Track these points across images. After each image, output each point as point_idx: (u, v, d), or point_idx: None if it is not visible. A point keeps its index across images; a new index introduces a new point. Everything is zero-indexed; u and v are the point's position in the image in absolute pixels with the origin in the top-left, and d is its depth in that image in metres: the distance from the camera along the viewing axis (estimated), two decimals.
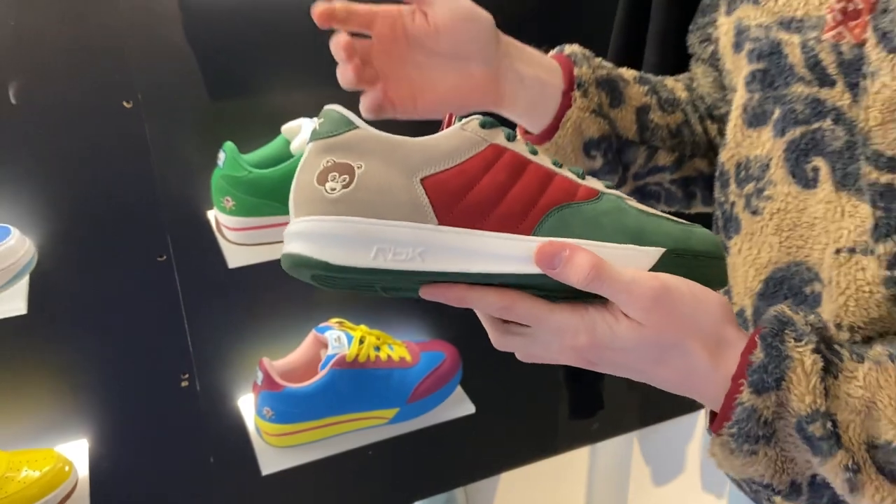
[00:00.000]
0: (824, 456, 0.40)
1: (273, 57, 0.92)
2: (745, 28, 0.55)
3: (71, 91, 0.84)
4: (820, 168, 0.50)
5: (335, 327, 1.06)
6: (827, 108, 0.49)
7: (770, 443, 0.41)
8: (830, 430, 0.40)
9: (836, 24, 0.48)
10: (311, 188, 0.41)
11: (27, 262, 0.82)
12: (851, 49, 0.47)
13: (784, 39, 0.51)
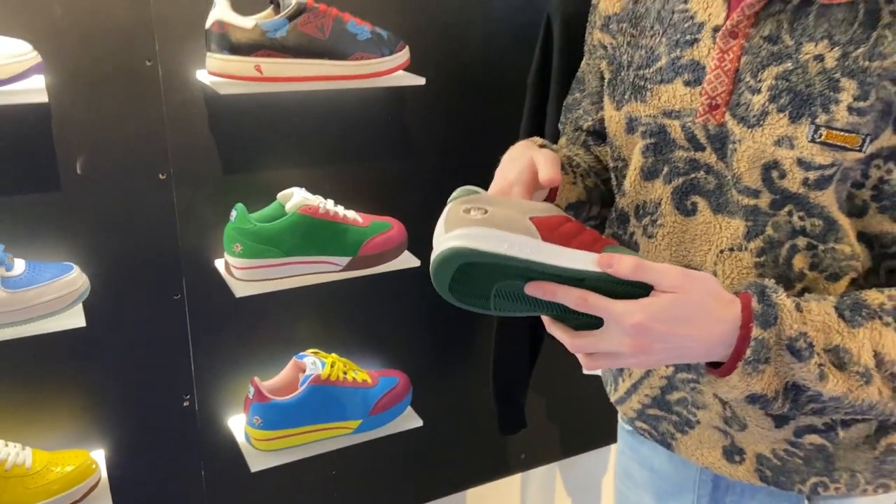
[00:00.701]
0: (805, 361, 0.62)
1: (271, 143, 1.24)
2: (636, 118, 0.80)
3: (122, 165, 1.14)
4: (698, 202, 0.76)
5: (311, 355, 1.33)
6: (700, 164, 0.75)
7: (769, 362, 0.62)
8: (808, 343, 0.62)
9: (704, 113, 0.74)
10: (459, 215, 0.64)
11: (84, 290, 1.09)
12: (715, 128, 0.73)
13: (668, 123, 0.77)
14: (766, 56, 0.68)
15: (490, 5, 1.32)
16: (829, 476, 0.74)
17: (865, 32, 0.64)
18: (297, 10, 1.06)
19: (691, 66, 0.73)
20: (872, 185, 0.66)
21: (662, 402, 0.81)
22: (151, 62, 1.11)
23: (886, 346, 0.63)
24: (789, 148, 0.66)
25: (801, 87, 0.66)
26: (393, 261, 1.28)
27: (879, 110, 0.63)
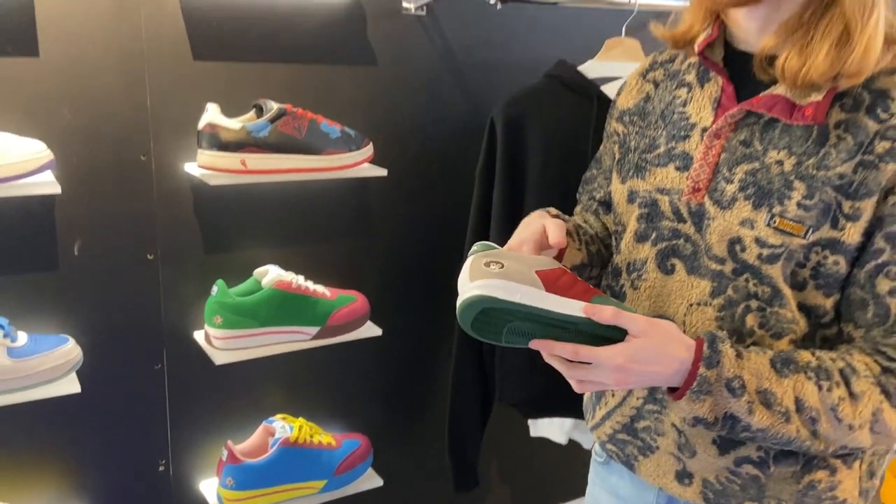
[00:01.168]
0: (738, 397, 0.77)
1: (249, 226, 1.39)
2: (635, 191, 0.97)
3: (114, 247, 1.27)
4: (676, 264, 0.92)
5: (280, 420, 1.45)
6: (681, 233, 0.89)
7: (711, 394, 0.78)
8: (741, 384, 0.77)
9: (689, 193, 0.91)
10: (481, 268, 0.80)
11: (78, 360, 1.20)
12: (696, 206, 0.90)
13: (659, 198, 0.94)
14: (740, 156, 0.86)
15: (443, 108, 1.52)
16: (760, 502, 0.89)
17: (816, 148, 0.81)
18: (277, 114, 1.23)
19: (682, 156, 0.91)
20: (811, 267, 0.82)
21: (630, 429, 0.96)
22: (146, 157, 1.26)
23: (806, 395, 0.79)
24: (750, 228, 0.83)
25: (763, 183, 0.83)
26: (357, 330, 1.42)
27: (821, 208, 0.80)
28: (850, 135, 0.79)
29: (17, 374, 1.13)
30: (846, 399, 0.78)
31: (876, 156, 0.77)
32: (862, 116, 0.79)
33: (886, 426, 0.79)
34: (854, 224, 0.78)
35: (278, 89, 1.33)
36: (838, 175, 0.79)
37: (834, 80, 0.78)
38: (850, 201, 0.78)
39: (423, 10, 1.45)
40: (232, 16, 1.28)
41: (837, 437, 0.79)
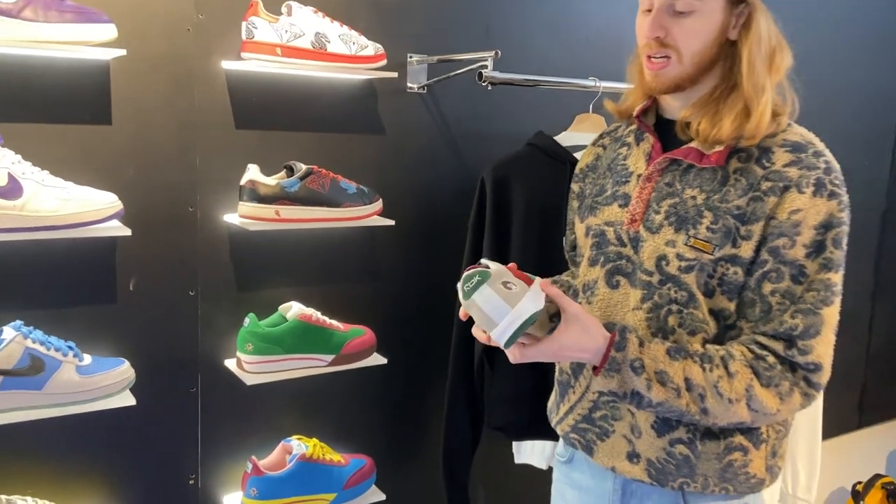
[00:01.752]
0: (639, 376, 1.01)
1: (275, 268, 1.62)
2: (590, 226, 1.22)
3: (162, 284, 1.50)
4: (620, 280, 1.16)
5: (296, 440, 1.65)
6: (623, 255, 1.15)
7: (619, 372, 1.01)
8: (641, 365, 1.02)
9: (628, 224, 1.15)
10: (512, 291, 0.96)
11: (132, 380, 1.41)
12: (633, 233, 1.15)
13: (606, 229, 1.19)
14: (665, 194, 1.12)
15: (440, 170, 1.79)
16: (691, 478, 1.11)
17: (720, 187, 1.08)
18: (305, 173, 1.48)
19: (623, 196, 1.17)
20: (718, 277, 1.07)
21: (589, 419, 1.18)
22: (193, 209, 1.51)
23: (693, 375, 1.03)
24: (673, 247, 1.09)
25: (682, 213, 1.09)
26: (365, 359, 1.64)
27: (724, 232, 1.06)
28: (744, 178, 1.06)
29: (84, 388, 1.34)
30: (724, 377, 1.02)
31: (762, 192, 1.04)
32: (753, 165, 1.07)
33: (759, 402, 1.02)
34: (748, 242, 1.05)
35: (305, 153, 1.59)
36: (736, 206, 1.06)
37: (735, 140, 1.06)
38: (744, 226, 1.05)
39: (424, 88, 1.73)
40: (267, 93, 1.55)
41: (721, 411, 1.03)
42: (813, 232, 1.03)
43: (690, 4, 1.05)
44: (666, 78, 1.09)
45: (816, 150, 1.07)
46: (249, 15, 1.42)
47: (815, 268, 1.03)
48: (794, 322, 1.02)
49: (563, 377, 1.25)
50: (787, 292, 1.03)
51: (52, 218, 1.27)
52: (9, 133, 1.29)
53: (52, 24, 1.22)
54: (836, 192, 1.04)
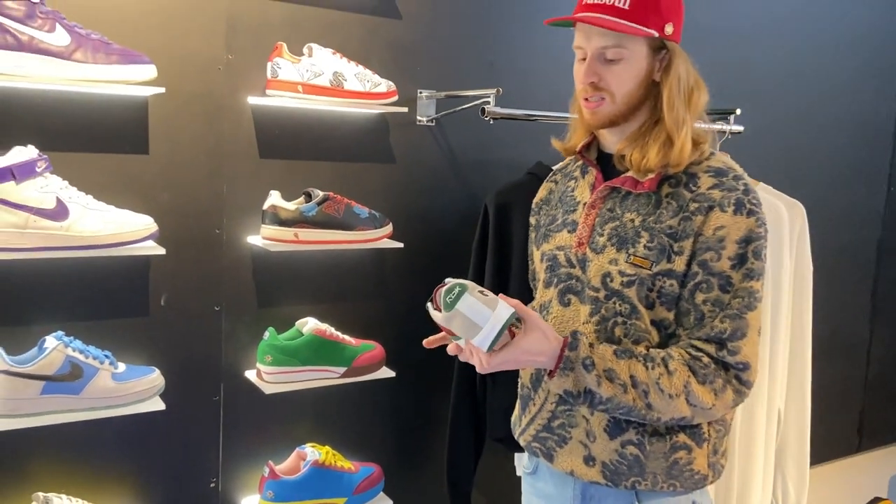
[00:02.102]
0: (590, 373, 1.13)
1: (293, 287, 1.75)
2: (544, 252, 1.35)
3: (190, 300, 1.63)
4: (571, 298, 1.28)
5: (310, 447, 1.77)
6: (573, 276, 1.29)
7: (573, 370, 1.13)
8: (591, 363, 1.14)
9: (576, 247, 1.28)
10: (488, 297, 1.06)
11: (161, 386, 1.54)
12: (581, 255, 1.28)
13: (557, 253, 1.32)
14: (607, 218, 1.25)
15: (446, 196, 1.92)
16: (642, 476, 1.21)
17: (654, 209, 1.21)
18: (322, 199, 1.62)
19: (572, 223, 1.31)
20: (657, 290, 1.19)
21: (549, 427, 1.29)
22: (219, 231, 1.64)
23: (637, 372, 1.15)
24: (615, 265, 1.22)
25: (622, 234, 1.22)
26: (375, 372, 1.76)
27: (659, 249, 1.19)
28: (675, 201, 1.20)
29: (118, 393, 1.47)
30: (665, 374, 1.14)
31: (690, 212, 1.18)
32: (682, 189, 1.20)
33: (697, 397, 1.14)
34: (680, 257, 1.18)
35: (323, 180, 1.73)
36: (669, 226, 1.19)
37: (663, 168, 1.20)
38: (677, 243, 1.18)
39: (433, 121, 1.87)
40: (289, 126, 1.69)
41: (663, 406, 1.14)
42: (735, 246, 1.16)
43: (618, 53, 1.20)
44: (601, 116, 1.24)
45: (736, 175, 1.21)
46: (274, 56, 1.57)
47: (739, 277, 1.16)
48: (724, 326, 1.15)
49: (524, 391, 1.37)
50: (716, 301, 1.17)
51: (94, 238, 1.41)
52: (58, 161, 1.44)
53: (99, 65, 1.37)
54: (754, 210, 1.18)
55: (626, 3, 1.18)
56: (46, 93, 1.43)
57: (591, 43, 1.21)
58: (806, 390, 2.05)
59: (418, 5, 1.82)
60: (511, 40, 1.97)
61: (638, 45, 1.20)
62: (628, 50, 1.20)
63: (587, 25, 1.21)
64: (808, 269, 2.03)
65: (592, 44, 1.21)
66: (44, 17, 1.31)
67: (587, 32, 1.22)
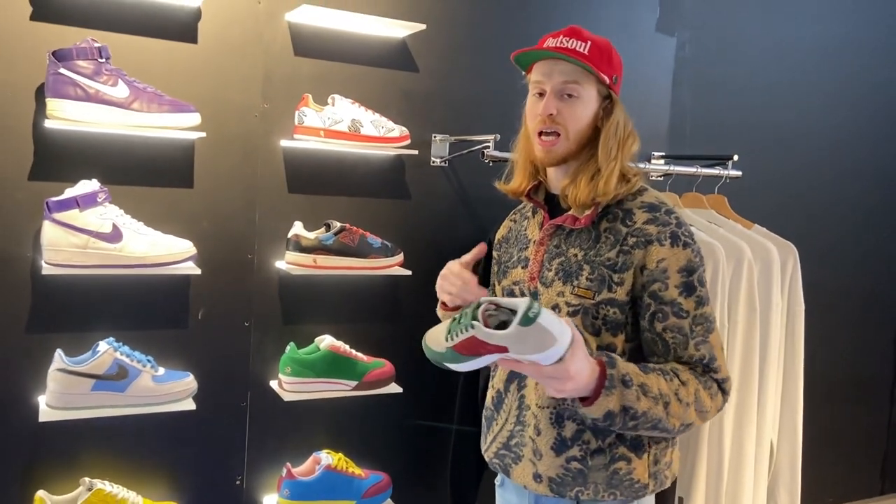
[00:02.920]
0: (630, 388, 1.15)
1: (312, 307, 1.97)
2: (504, 286, 1.46)
3: (224, 315, 1.86)
4: None
5: (325, 453, 1.96)
6: None
7: (615, 388, 1.15)
8: (630, 378, 1.16)
9: (528, 281, 1.40)
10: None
11: (194, 390, 1.76)
12: (533, 289, 1.39)
13: (513, 288, 1.43)
14: (554, 254, 1.37)
15: (455, 229, 2.12)
16: (584, 486, 1.32)
17: (594, 244, 1.32)
18: (339, 230, 1.84)
19: (524, 260, 1.42)
20: (601, 318, 1.30)
21: (507, 446, 1.38)
22: (251, 256, 1.88)
23: (661, 385, 1.20)
24: (562, 297, 1.33)
25: (567, 269, 1.34)
26: (384, 388, 1.95)
27: (600, 280, 1.30)
28: (612, 235, 1.31)
29: (157, 393, 1.70)
30: (681, 385, 1.23)
31: (629, 246, 1.29)
32: (618, 224, 1.32)
33: (702, 403, 1.24)
34: (621, 287, 1.29)
35: (341, 213, 1.96)
36: (608, 258, 1.30)
37: (595, 201, 1.30)
38: (616, 274, 1.29)
39: (445, 162, 2.08)
40: (314, 165, 1.93)
41: (680, 414, 1.22)
42: (678, 275, 1.26)
43: (577, 90, 1.31)
44: (555, 153, 1.33)
45: (668, 209, 1.31)
46: (301, 105, 1.81)
47: (692, 305, 1.27)
48: (700, 353, 1.26)
49: (488, 412, 1.46)
50: (675, 327, 1.27)
51: (143, 258, 1.66)
52: (116, 193, 1.70)
53: (153, 113, 1.63)
54: (688, 242, 1.28)
55: (587, 49, 1.30)
56: (110, 136, 1.70)
57: (553, 78, 1.31)
58: (798, 422, 2.13)
59: (435, 60, 2.05)
60: (519, 90, 2.16)
61: (591, 88, 1.32)
62: (584, 88, 1.31)
63: (549, 64, 1.32)
64: (801, 307, 2.13)
65: (554, 79, 1.31)
66: (108, 74, 1.59)
67: (549, 69, 1.32)
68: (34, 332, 1.69)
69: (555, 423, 1.32)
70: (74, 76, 1.56)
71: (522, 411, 1.37)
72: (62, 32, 1.64)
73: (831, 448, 2.93)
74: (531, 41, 1.35)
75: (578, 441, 1.31)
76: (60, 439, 1.73)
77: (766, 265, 2.06)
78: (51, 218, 1.58)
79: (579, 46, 1.30)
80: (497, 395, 1.44)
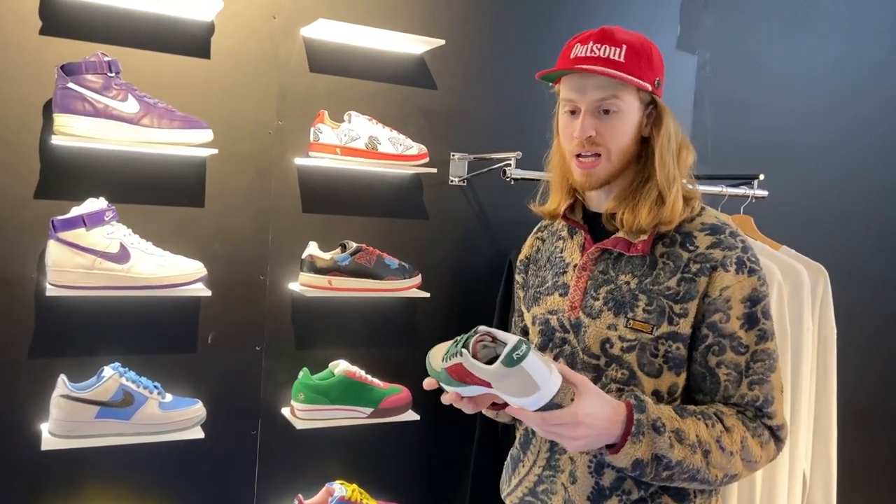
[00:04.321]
0: (662, 435, 1.03)
1: (327, 331, 1.90)
2: (535, 315, 1.33)
3: (235, 339, 1.79)
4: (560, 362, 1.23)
5: (338, 484, 1.88)
6: (567, 340, 1.21)
7: (644, 434, 1.04)
8: (662, 424, 1.05)
9: (568, 311, 1.27)
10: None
11: (203, 417, 1.68)
12: (574, 320, 1.27)
13: (549, 317, 1.30)
14: (601, 281, 1.21)
15: (473, 251, 2.05)
16: None
17: (650, 271, 1.19)
18: (355, 250, 1.77)
19: (563, 286, 1.26)
20: (662, 355, 1.18)
21: (533, 492, 1.26)
22: (263, 277, 1.81)
23: (700, 431, 1.08)
24: (615, 330, 1.19)
25: (619, 298, 1.20)
26: (401, 414, 1.87)
27: (659, 312, 1.17)
28: (672, 261, 1.18)
29: (164, 420, 1.63)
30: (724, 432, 1.11)
31: (692, 273, 1.16)
32: (678, 249, 1.19)
33: (750, 452, 1.12)
34: (685, 319, 1.16)
35: (357, 233, 1.89)
36: (667, 287, 1.17)
37: (655, 227, 1.19)
38: (678, 305, 1.16)
39: (464, 181, 2.02)
40: (329, 184, 1.87)
41: (723, 464, 1.10)
42: (742, 306, 1.14)
43: (615, 104, 1.16)
44: (597, 176, 1.20)
45: (732, 231, 1.19)
46: (317, 122, 1.75)
47: (752, 339, 1.14)
48: (754, 394, 1.14)
49: (514, 451, 1.34)
50: (731, 363, 1.15)
51: (151, 279, 1.59)
52: (125, 212, 1.64)
53: (163, 129, 1.58)
54: (755, 268, 1.16)
55: (622, 55, 1.16)
56: (118, 152, 1.64)
57: (587, 95, 1.17)
58: (832, 452, 2.04)
59: (453, 77, 1.99)
60: (539, 107, 2.10)
61: (631, 97, 1.18)
62: (624, 102, 1.17)
63: (580, 77, 1.17)
64: (832, 331, 2.04)
65: (588, 96, 1.17)
66: (118, 88, 1.53)
67: (580, 85, 1.18)
68: (37, 356, 1.62)
69: (594, 471, 1.20)
70: (83, 90, 1.51)
71: (555, 454, 1.24)
72: (72, 47, 1.59)
73: (860, 478, 2.82)
74: (552, 58, 1.24)
75: (618, 491, 1.18)
76: (63, 468, 1.65)
77: (797, 288, 1.98)
78: (56, 237, 1.52)
79: (613, 53, 1.16)
80: (525, 434, 1.32)
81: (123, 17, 1.65)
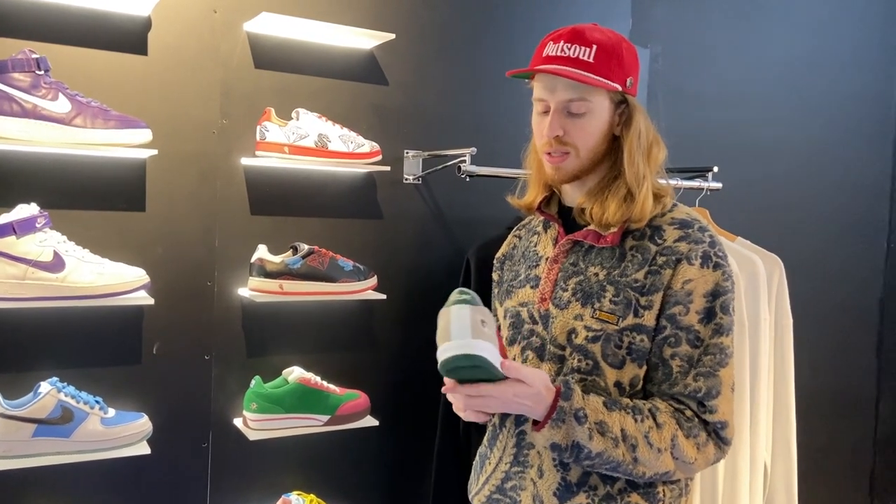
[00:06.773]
0: (582, 425, 1.06)
1: (280, 337, 1.83)
2: (507, 308, 1.33)
3: (182, 349, 1.71)
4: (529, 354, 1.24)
5: (296, 495, 1.81)
6: (536, 332, 1.22)
7: (564, 422, 1.06)
8: (584, 415, 1.07)
9: (538, 303, 1.26)
10: (479, 327, 0.99)
11: (149, 432, 1.60)
12: (543, 311, 1.26)
13: (520, 310, 1.30)
14: (571, 273, 1.23)
15: (430, 250, 2.00)
16: None
17: (618, 262, 1.19)
18: (307, 252, 1.71)
19: (534, 278, 1.27)
20: (626, 346, 1.17)
21: (501, 489, 1.25)
22: (211, 283, 1.74)
23: (627, 426, 1.10)
24: (581, 321, 1.19)
25: (587, 289, 1.20)
26: (359, 421, 1.81)
27: (625, 304, 1.16)
28: (640, 254, 1.19)
29: (106, 437, 1.54)
30: (654, 428, 1.12)
31: (658, 266, 1.17)
32: (647, 242, 1.19)
33: (682, 451, 1.12)
34: (649, 311, 1.16)
35: (309, 235, 1.82)
36: (634, 280, 1.17)
37: (624, 222, 1.19)
38: (644, 297, 1.16)
39: (419, 179, 1.97)
40: (279, 184, 1.80)
41: (650, 460, 1.11)
42: (703, 300, 1.15)
43: (583, 106, 1.18)
44: (565, 171, 1.23)
45: (701, 226, 1.20)
46: (263, 120, 1.69)
47: (708, 333, 1.15)
48: (698, 385, 1.14)
49: (482, 449, 1.33)
50: (685, 355, 1.15)
51: (89, 288, 1.50)
52: (59, 218, 1.55)
53: (98, 129, 1.49)
54: (720, 263, 1.17)
55: (591, 56, 1.17)
56: (49, 155, 1.55)
57: (556, 95, 1.19)
58: (791, 442, 2.04)
59: (405, 72, 1.94)
60: (494, 103, 2.07)
61: (601, 98, 1.19)
62: (592, 103, 1.18)
63: (551, 77, 1.19)
64: (789, 320, 2.05)
65: (557, 96, 1.19)
66: (47, 87, 1.44)
67: (551, 84, 1.19)
68: None
69: (559, 465, 1.19)
70: (9, 90, 1.42)
71: (523, 450, 1.23)
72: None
73: (817, 465, 2.86)
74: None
75: (585, 486, 1.17)
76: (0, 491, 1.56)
77: (753, 278, 1.98)
78: None
79: (583, 53, 1.17)
80: (492, 430, 1.30)
81: (53, 12, 1.55)
